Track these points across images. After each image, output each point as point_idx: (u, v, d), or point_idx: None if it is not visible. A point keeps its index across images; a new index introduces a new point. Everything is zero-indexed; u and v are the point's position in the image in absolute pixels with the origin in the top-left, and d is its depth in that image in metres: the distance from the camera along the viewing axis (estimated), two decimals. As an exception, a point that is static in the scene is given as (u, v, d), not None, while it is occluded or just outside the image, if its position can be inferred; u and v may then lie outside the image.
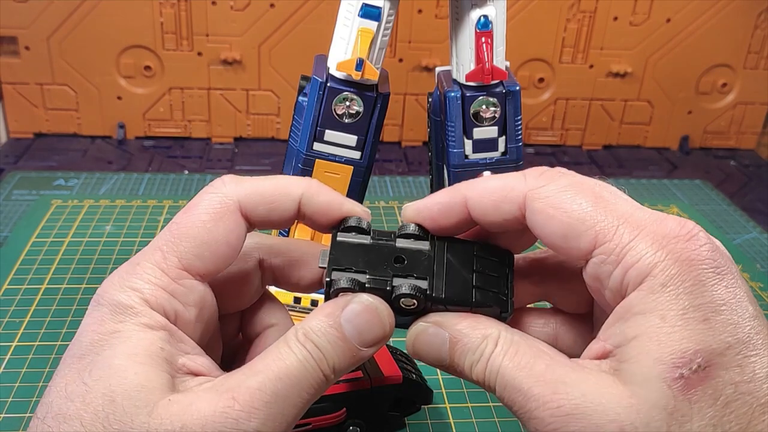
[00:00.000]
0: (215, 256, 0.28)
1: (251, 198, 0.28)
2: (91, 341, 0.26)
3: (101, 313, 0.26)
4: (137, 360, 0.25)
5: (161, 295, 0.27)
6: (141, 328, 0.26)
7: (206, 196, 0.28)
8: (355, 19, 0.42)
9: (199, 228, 0.27)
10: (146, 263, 0.27)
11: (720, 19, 0.83)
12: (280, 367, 0.25)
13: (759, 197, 0.79)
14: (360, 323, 0.27)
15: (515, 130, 0.46)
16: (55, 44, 0.77)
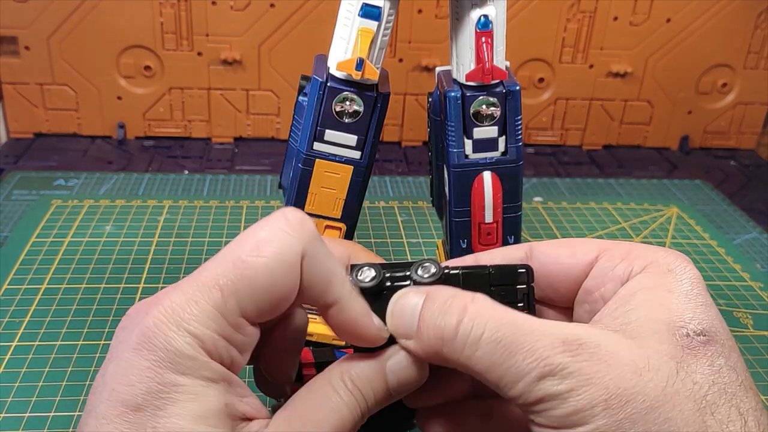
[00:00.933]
0: (275, 308, 0.27)
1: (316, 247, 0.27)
2: (149, 390, 0.24)
3: (156, 357, 0.24)
4: (209, 423, 0.24)
5: (220, 343, 0.25)
6: (205, 382, 0.25)
7: (279, 234, 0.26)
8: (355, 19, 0.42)
9: (265, 277, 0.26)
10: (204, 303, 0.25)
11: (720, 19, 0.83)
12: (336, 418, 0.27)
13: (759, 197, 0.79)
14: (404, 375, 0.28)
15: (515, 129, 0.46)
16: (55, 44, 0.77)
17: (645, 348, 0.25)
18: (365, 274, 0.29)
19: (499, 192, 0.46)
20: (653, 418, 0.24)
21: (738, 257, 0.65)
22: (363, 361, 0.28)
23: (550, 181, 0.79)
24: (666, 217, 0.71)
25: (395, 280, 0.29)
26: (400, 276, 0.29)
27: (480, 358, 0.26)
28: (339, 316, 0.28)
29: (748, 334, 0.55)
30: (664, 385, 0.24)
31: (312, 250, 0.27)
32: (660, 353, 0.25)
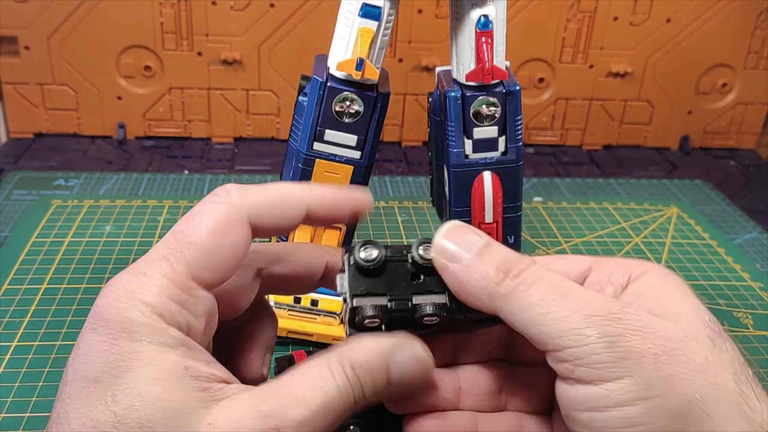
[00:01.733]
0: (223, 267, 0.27)
1: (260, 209, 0.28)
2: (106, 362, 0.24)
3: (111, 330, 0.25)
4: (168, 385, 0.24)
5: (174, 308, 0.26)
6: (161, 347, 0.25)
7: (211, 205, 0.28)
8: (355, 18, 0.42)
9: (206, 237, 0.27)
10: (153, 274, 0.26)
11: (720, 19, 0.83)
12: (324, 400, 0.26)
13: (759, 197, 0.79)
14: (409, 372, 0.28)
15: (515, 130, 0.46)
16: (55, 44, 0.77)
17: (681, 323, 0.26)
18: (368, 252, 0.28)
19: (499, 192, 0.46)
20: (700, 379, 0.24)
21: (738, 257, 0.65)
22: (367, 347, 0.27)
23: (550, 181, 0.79)
24: (666, 217, 0.71)
25: (395, 261, 0.29)
26: (399, 259, 0.29)
27: (532, 293, 0.26)
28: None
29: (748, 334, 0.55)
30: (706, 354, 0.25)
31: (313, 191, 0.29)
32: (696, 328, 0.26)
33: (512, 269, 0.27)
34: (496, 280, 0.26)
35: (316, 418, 0.25)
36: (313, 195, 0.29)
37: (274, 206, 0.29)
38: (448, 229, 0.28)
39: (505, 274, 0.26)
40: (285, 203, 0.29)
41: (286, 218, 0.29)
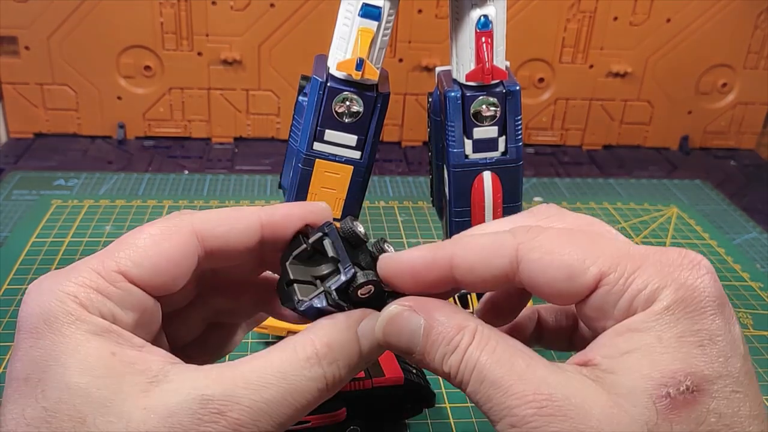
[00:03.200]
0: (154, 268, 0.27)
1: (208, 221, 0.28)
2: (32, 359, 0.24)
3: (33, 325, 0.25)
4: (95, 374, 0.24)
5: (96, 297, 0.26)
6: (84, 337, 0.24)
7: (162, 218, 0.28)
8: (355, 19, 0.42)
9: (143, 239, 0.27)
10: (81, 267, 0.26)
11: (720, 19, 0.83)
12: (283, 388, 0.25)
13: (759, 197, 0.79)
14: (374, 338, 0.27)
15: (515, 129, 0.46)
16: (55, 44, 0.77)
17: (617, 408, 0.23)
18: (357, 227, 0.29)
19: (499, 192, 0.46)
20: None
21: (738, 257, 0.65)
22: (332, 325, 0.27)
23: (550, 181, 0.79)
24: (666, 217, 0.71)
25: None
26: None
27: (470, 393, 0.25)
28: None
29: (748, 334, 0.55)
30: None
31: (266, 208, 0.29)
32: (633, 418, 0.23)
33: (452, 369, 0.26)
34: (448, 371, 0.26)
35: (270, 405, 0.25)
36: (263, 209, 0.29)
37: (223, 218, 0.28)
38: (386, 325, 0.27)
39: (448, 375, 0.26)
40: (234, 215, 0.29)
41: (237, 229, 0.28)
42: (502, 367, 0.25)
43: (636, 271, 0.25)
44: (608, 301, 0.25)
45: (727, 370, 0.24)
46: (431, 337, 0.26)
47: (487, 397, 0.25)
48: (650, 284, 0.25)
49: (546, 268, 0.26)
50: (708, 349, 0.24)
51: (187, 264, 0.28)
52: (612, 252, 0.26)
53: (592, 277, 0.25)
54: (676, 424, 0.23)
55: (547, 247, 0.26)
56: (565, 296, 0.26)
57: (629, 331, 0.25)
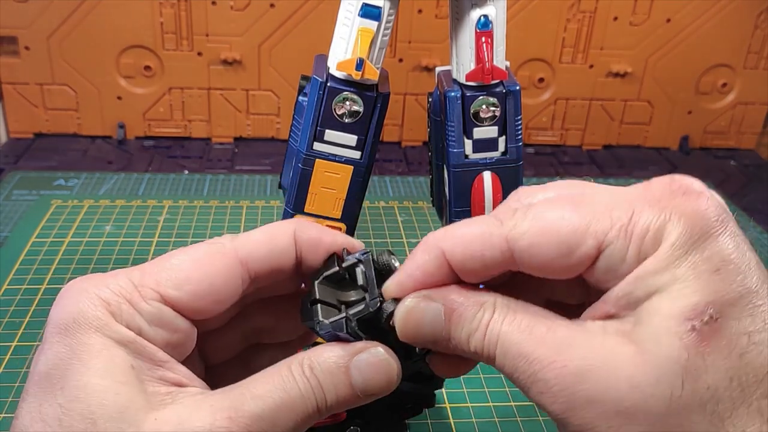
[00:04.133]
0: (195, 293, 0.27)
1: (248, 243, 0.28)
2: (56, 354, 0.24)
3: (63, 323, 0.25)
4: (116, 379, 0.24)
5: (127, 308, 0.26)
6: (110, 342, 0.25)
7: (207, 241, 0.28)
8: (355, 18, 0.42)
9: (186, 262, 0.27)
10: (121, 275, 0.26)
11: (720, 19, 0.83)
12: (282, 398, 0.25)
13: (759, 197, 0.79)
14: (369, 374, 0.27)
15: (515, 130, 0.46)
16: (55, 44, 0.77)
17: (646, 356, 0.23)
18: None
19: (499, 192, 0.46)
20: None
21: (738, 257, 0.65)
22: (328, 351, 0.27)
23: (550, 181, 0.79)
24: (666, 217, 0.71)
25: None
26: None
27: (499, 367, 0.25)
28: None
29: (748, 334, 0.55)
30: (668, 400, 0.22)
31: (299, 223, 0.29)
32: (662, 362, 0.22)
33: (476, 349, 0.26)
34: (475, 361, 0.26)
35: (274, 414, 0.25)
36: (299, 225, 0.29)
37: (261, 237, 0.29)
38: (403, 321, 0.27)
39: (474, 354, 0.26)
40: (271, 232, 0.29)
41: (277, 248, 0.29)
42: (522, 333, 0.25)
43: (632, 219, 0.24)
44: (615, 259, 0.24)
45: (746, 288, 0.23)
46: (453, 319, 0.26)
47: (514, 368, 0.25)
48: (651, 226, 0.24)
49: (541, 251, 0.25)
50: (723, 273, 0.23)
51: (230, 290, 0.28)
52: (601, 210, 0.25)
53: (591, 245, 0.25)
54: (708, 356, 0.22)
55: (536, 228, 0.25)
56: (569, 271, 0.26)
57: (641, 277, 0.24)
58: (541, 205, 0.26)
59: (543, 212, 0.26)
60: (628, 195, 0.25)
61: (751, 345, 0.22)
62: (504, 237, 0.26)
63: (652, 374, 0.22)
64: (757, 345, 0.22)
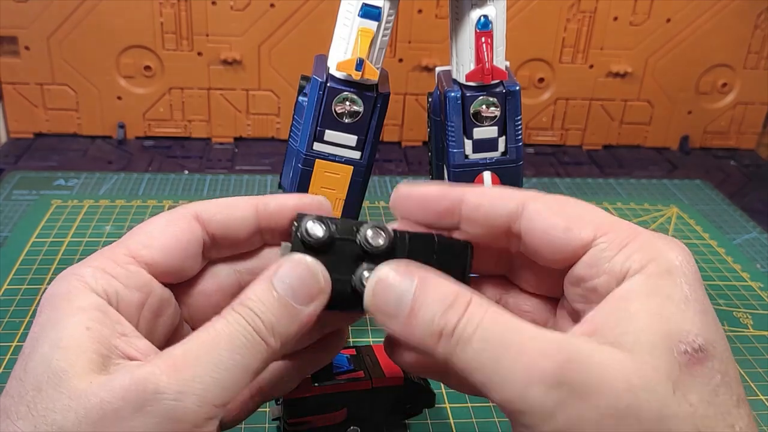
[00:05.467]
0: (162, 249, 0.28)
1: (208, 207, 0.30)
2: (30, 334, 0.26)
3: (43, 304, 0.26)
4: (60, 345, 0.25)
5: (101, 276, 0.27)
6: (72, 311, 0.25)
7: (166, 211, 0.30)
8: (355, 19, 0.42)
9: (149, 227, 0.29)
10: (96, 254, 0.28)
11: (720, 19, 0.83)
12: (210, 335, 0.25)
13: (759, 197, 0.79)
14: (292, 279, 0.26)
15: (515, 130, 0.46)
16: (55, 44, 0.77)
17: (641, 363, 0.23)
18: (314, 229, 0.28)
19: (499, 192, 0.46)
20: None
21: (738, 257, 0.65)
22: (253, 283, 0.27)
23: (550, 181, 0.79)
24: (666, 217, 0.71)
25: (343, 240, 0.28)
26: (347, 238, 0.28)
27: (469, 357, 0.24)
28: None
29: (748, 334, 0.55)
30: (660, 407, 0.23)
31: (262, 197, 0.30)
32: (657, 370, 0.23)
33: (447, 325, 0.25)
34: (433, 343, 0.25)
35: (199, 348, 0.25)
36: (260, 197, 0.30)
37: (221, 205, 0.30)
38: (373, 288, 0.27)
39: (439, 335, 0.25)
40: (232, 202, 0.30)
41: (235, 215, 0.30)
42: (510, 328, 0.24)
43: (632, 235, 0.26)
44: (602, 256, 0.26)
45: (722, 338, 0.25)
46: (423, 295, 0.26)
47: (493, 359, 0.24)
48: (650, 244, 0.26)
49: (548, 216, 0.27)
50: (708, 316, 0.25)
51: (194, 247, 0.29)
52: (609, 218, 0.27)
53: (589, 232, 0.26)
54: (695, 377, 0.23)
55: (551, 202, 0.28)
56: (561, 249, 0.27)
57: (634, 292, 0.25)
58: (562, 196, 0.28)
59: (561, 198, 0.28)
60: (635, 225, 0.27)
61: (723, 384, 0.24)
62: (523, 197, 0.28)
63: (648, 379, 0.23)
64: (726, 386, 0.24)
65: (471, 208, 0.28)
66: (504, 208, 0.28)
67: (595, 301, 0.26)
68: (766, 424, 0.46)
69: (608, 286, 0.26)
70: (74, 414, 0.23)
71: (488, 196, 0.29)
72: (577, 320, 0.28)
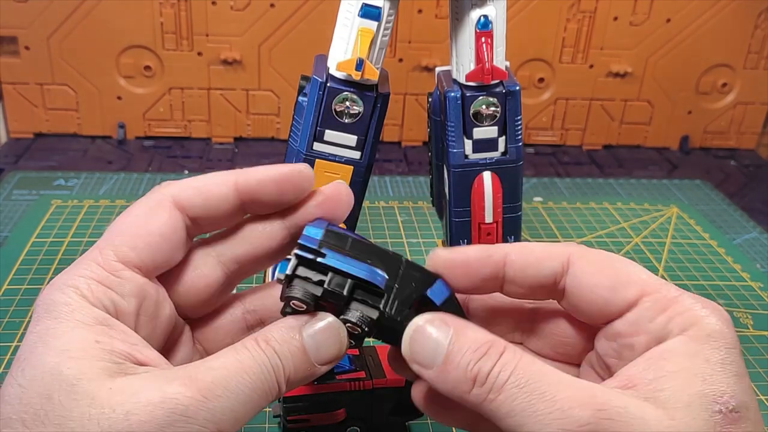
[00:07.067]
0: (149, 247, 0.28)
1: (185, 191, 0.29)
2: (26, 342, 0.25)
3: (37, 314, 0.26)
4: (69, 355, 0.24)
5: (97, 288, 0.26)
6: (75, 324, 0.25)
7: (142, 198, 0.29)
8: (355, 19, 0.42)
9: (131, 222, 0.28)
10: (84, 261, 0.27)
11: (720, 19, 0.83)
12: (237, 367, 0.25)
13: (759, 197, 0.79)
14: (321, 340, 0.27)
15: (515, 130, 0.46)
16: (55, 44, 0.77)
17: (676, 420, 0.24)
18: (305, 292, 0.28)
19: (499, 192, 0.46)
20: None
21: (738, 257, 0.65)
22: (282, 323, 0.27)
23: (550, 181, 0.79)
24: (666, 217, 0.71)
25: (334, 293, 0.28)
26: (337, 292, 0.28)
27: (501, 402, 0.25)
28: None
29: (748, 334, 0.55)
30: None
31: (242, 172, 0.29)
32: (690, 428, 0.24)
33: (480, 373, 0.25)
34: (467, 390, 0.25)
35: (228, 381, 0.25)
36: (239, 172, 0.30)
37: (200, 188, 0.29)
38: (411, 336, 0.27)
39: (474, 381, 0.25)
40: (210, 181, 0.30)
41: (214, 198, 0.29)
42: (544, 375, 0.25)
43: (678, 296, 0.27)
44: (645, 316, 0.27)
45: (753, 402, 0.26)
46: (458, 343, 0.26)
47: (526, 405, 0.24)
48: (693, 308, 0.26)
49: (594, 274, 0.28)
50: (742, 380, 0.26)
51: (178, 237, 0.29)
52: (654, 279, 0.28)
53: (635, 292, 0.27)
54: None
55: (596, 258, 0.28)
56: (605, 307, 0.28)
57: (673, 352, 0.26)
58: (607, 252, 0.29)
59: (607, 254, 0.29)
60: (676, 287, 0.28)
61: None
62: (568, 253, 0.29)
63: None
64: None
65: (516, 270, 0.29)
66: (550, 268, 0.29)
67: (628, 358, 0.27)
68: (766, 424, 0.46)
69: (646, 344, 0.27)
70: (96, 424, 0.23)
71: (532, 253, 0.29)
72: (605, 375, 0.29)
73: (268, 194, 0.30)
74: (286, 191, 0.30)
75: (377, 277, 0.28)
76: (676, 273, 0.62)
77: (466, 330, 0.27)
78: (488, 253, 0.29)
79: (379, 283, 0.28)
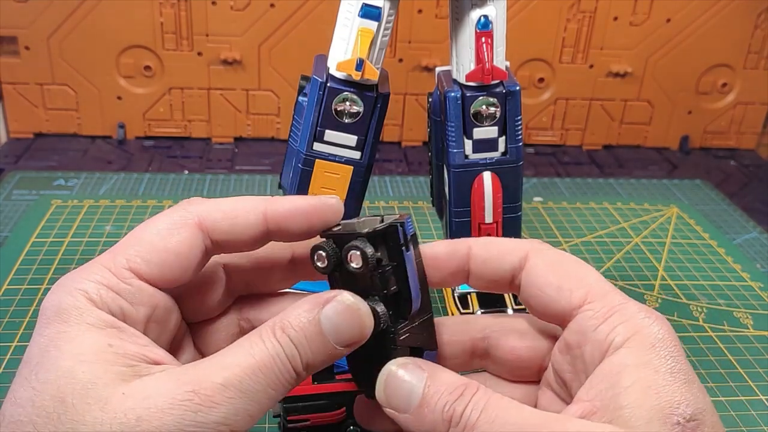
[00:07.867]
0: (163, 263, 0.28)
1: (212, 214, 0.29)
2: (37, 344, 0.25)
3: (46, 317, 0.26)
4: (83, 359, 0.25)
5: (106, 294, 0.26)
6: (86, 327, 0.25)
7: (168, 212, 0.29)
8: (355, 19, 0.42)
9: (151, 235, 0.28)
10: (95, 265, 0.27)
11: (720, 19, 0.83)
12: (250, 364, 0.25)
13: (759, 197, 0.79)
14: (340, 321, 0.27)
15: (515, 130, 0.46)
16: (55, 44, 0.77)
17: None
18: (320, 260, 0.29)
19: (499, 192, 0.46)
20: None
21: (738, 257, 0.65)
22: (297, 308, 0.27)
23: (550, 181, 0.79)
24: (666, 217, 0.71)
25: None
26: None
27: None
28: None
29: (748, 334, 0.55)
30: None
31: (270, 200, 0.29)
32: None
33: (455, 413, 0.26)
34: (443, 431, 0.26)
35: (241, 382, 0.25)
36: (269, 201, 0.29)
37: (227, 211, 0.29)
38: (386, 381, 0.28)
39: (449, 422, 0.26)
40: (239, 206, 0.29)
41: (240, 224, 0.29)
42: (510, 410, 0.26)
43: (621, 304, 0.27)
44: (589, 324, 0.27)
45: (708, 405, 0.26)
46: (434, 386, 0.27)
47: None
48: (634, 317, 0.27)
49: (546, 273, 0.29)
50: (692, 386, 0.26)
51: (194, 257, 0.29)
52: (601, 285, 0.29)
53: (580, 295, 0.28)
54: None
55: (550, 257, 0.29)
56: (550, 306, 0.29)
57: (626, 366, 0.26)
58: (566, 254, 0.30)
59: (564, 255, 0.30)
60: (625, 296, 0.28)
61: None
62: (527, 249, 0.30)
63: None
64: None
65: (478, 263, 0.30)
66: (509, 263, 0.30)
67: (582, 371, 0.28)
68: (766, 424, 0.46)
69: (593, 354, 0.27)
70: (108, 428, 0.23)
71: (493, 250, 0.30)
72: (562, 394, 0.29)
73: (296, 225, 0.30)
74: (315, 224, 0.30)
75: (416, 304, 0.29)
76: (676, 273, 0.62)
77: (440, 373, 0.27)
78: (455, 248, 0.30)
79: (414, 310, 0.29)
